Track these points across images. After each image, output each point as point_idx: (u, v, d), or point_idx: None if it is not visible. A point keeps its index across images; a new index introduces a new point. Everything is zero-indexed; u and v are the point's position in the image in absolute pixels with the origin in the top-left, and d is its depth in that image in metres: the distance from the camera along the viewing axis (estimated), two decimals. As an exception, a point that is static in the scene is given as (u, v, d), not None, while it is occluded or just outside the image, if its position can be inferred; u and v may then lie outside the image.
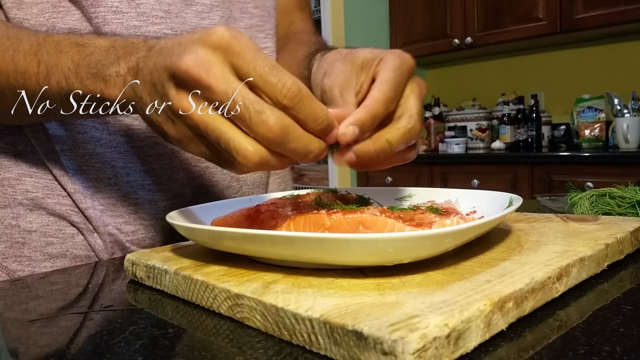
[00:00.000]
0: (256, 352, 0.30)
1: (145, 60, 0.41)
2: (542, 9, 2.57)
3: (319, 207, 0.48)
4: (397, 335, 0.25)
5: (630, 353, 0.28)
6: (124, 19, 0.60)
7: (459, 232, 0.35)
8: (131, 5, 0.61)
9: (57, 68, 0.46)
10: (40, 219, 0.62)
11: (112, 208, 0.63)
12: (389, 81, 0.44)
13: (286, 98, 0.37)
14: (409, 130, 0.44)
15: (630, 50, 2.63)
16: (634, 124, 2.34)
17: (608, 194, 0.66)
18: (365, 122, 0.42)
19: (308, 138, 0.38)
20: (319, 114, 0.38)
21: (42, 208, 0.62)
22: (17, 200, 0.62)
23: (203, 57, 0.37)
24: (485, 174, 2.55)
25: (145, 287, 0.46)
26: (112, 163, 0.62)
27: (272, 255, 0.39)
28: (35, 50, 0.48)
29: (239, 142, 0.37)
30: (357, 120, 0.42)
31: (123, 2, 0.61)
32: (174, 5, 0.63)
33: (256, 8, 0.73)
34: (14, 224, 0.62)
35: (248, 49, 0.37)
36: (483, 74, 3.20)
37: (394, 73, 0.45)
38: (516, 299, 0.31)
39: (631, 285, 0.40)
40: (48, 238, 0.62)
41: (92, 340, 0.34)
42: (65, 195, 0.62)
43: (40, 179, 0.62)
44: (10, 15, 0.60)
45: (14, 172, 0.62)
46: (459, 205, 0.55)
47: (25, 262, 0.62)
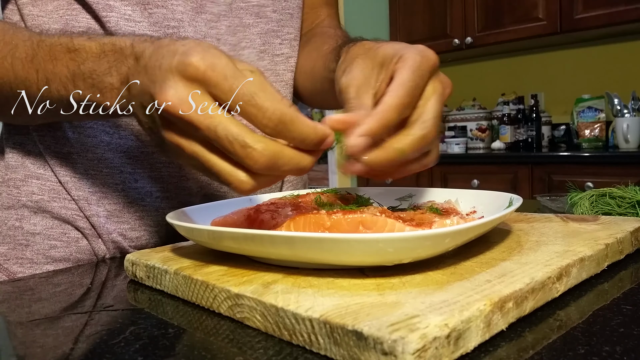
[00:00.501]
0: (256, 352, 0.30)
1: (134, 75, 0.41)
2: (542, 9, 2.57)
3: (319, 207, 0.48)
4: (397, 335, 0.25)
5: (630, 353, 0.28)
6: (136, 27, 0.60)
7: (459, 232, 0.35)
8: (144, 14, 0.60)
9: (54, 76, 0.46)
10: (44, 222, 0.62)
11: (117, 214, 0.63)
12: (404, 85, 0.42)
13: (268, 127, 0.36)
14: (422, 138, 0.42)
15: (630, 50, 2.63)
16: (634, 124, 2.34)
17: (608, 194, 0.66)
18: (375, 132, 0.40)
19: (298, 157, 0.38)
20: (306, 134, 0.37)
21: (47, 211, 0.62)
22: (22, 202, 0.61)
23: (182, 93, 0.36)
24: (485, 174, 2.55)
25: (145, 287, 0.46)
26: (120, 168, 0.62)
27: (272, 255, 0.39)
28: (31, 57, 0.48)
29: (229, 174, 0.37)
30: (367, 130, 0.40)
31: (136, 11, 0.60)
32: (185, 14, 0.62)
33: (275, 12, 0.70)
34: (18, 226, 0.61)
35: (224, 79, 0.36)
36: (483, 74, 3.20)
37: (412, 74, 0.42)
38: (516, 299, 0.31)
39: (631, 285, 0.40)
40: (52, 241, 0.62)
41: (92, 340, 0.34)
42: (70, 200, 0.62)
43: (47, 182, 0.62)
44: (25, 12, 0.60)
45: (21, 173, 0.62)
46: (459, 205, 0.55)
47: (27, 265, 0.61)
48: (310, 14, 0.81)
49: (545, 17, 2.56)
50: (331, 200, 0.54)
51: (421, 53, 0.43)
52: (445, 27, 2.96)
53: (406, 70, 0.42)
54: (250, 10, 0.68)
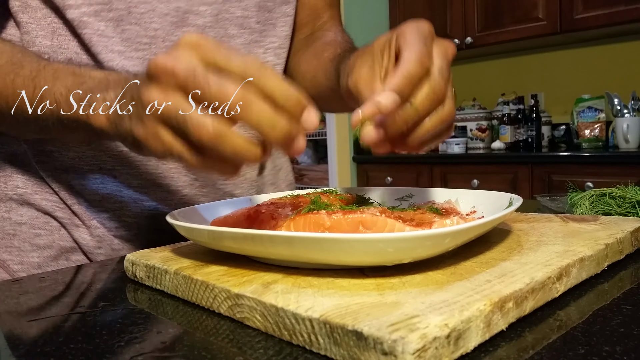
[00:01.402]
0: (256, 352, 0.30)
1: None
2: (542, 9, 2.57)
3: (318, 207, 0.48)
4: (397, 335, 0.25)
5: (630, 353, 0.28)
6: (108, 43, 0.62)
7: (459, 232, 0.35)
8: (116, 30, 0.62)
9: (50, 93, 0.48)
10: (29, 213, 0.66)
11: (96, 204, 0.66)
12: (414, 43, 0.42)
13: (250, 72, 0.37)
14: (433, 88, 0.42)
15: (630, 50, 2.63)
16: (634, 124, 2.33)
17: (608, 194, 0.66)
18: (402, 85, 0.40)
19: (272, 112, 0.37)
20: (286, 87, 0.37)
21: (30, 203, 0.65)
22: (9, 196, 0.66)
23: (172, 52, 0.38)
24: (485, 174, 2.55)
25: (145, 287, 0.46)
26: (100, 165, 0.65)
27: (272, 255, 0.39)
28: (34, 76, 0.50)
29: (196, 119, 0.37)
30: (393, 85, 0.40)
31: (109, 26, 0.62)
32: (161, 29, 0.64)
33: (258, 23, 0.72)
34: (6, 217, 0.65)
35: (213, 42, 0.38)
36: (483, 74, 3.20)
37: (417, 35, 0.43)
38: (516, 299, 0.31)
39: (631, 285, 0.40)
40: (36, 230, 0.66)
41: (92, 340, 0.34)
42: (52, 193, 0.65)
43: (31, 177, 0.66)
44: (17, 19, 0.62)
45: (7, 170, 0.66)
46: (459, 205, 0.55)
47: (15, 252, 0.65)
48: (313, 16, 0.81)
49: (545, 17, 2.56)
50: (331, 200, 0.54)
51: (415, 23, 0.45)
52: (445, 27, 2.96)
53: (410, 36, 0.43)
54: (234, 22, 0.69)
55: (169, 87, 0.38)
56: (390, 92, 0.40)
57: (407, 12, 3.13)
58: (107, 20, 0.61)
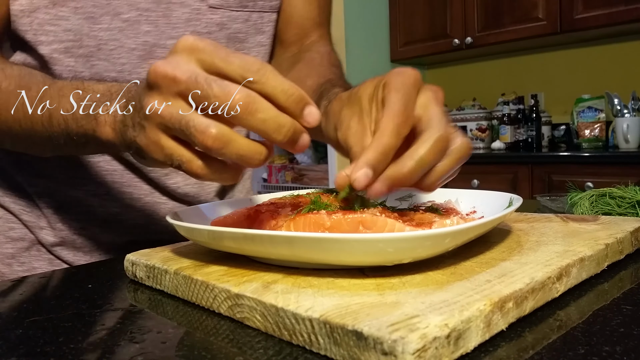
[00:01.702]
0: (256, 352, 0.30)
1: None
2: (542, 9, 2.57)
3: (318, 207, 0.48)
4: (397, 335, 0.25)
5: (630, 353, 0.28)
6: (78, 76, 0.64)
7: (459, 232, 0.35)
8: (86, 65, 0.64)
9: (57, 112, 0.50)
10: (2, 211, 0.72)
11: (65, 207, 0.70)
12: (394, 107, 0.41)
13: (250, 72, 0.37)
14: (437, 140, 0.41)
15: (630, 50, 2.63)
16: (634, 124, 2.34)
17: (608, 194, 0.66)
18: (376, 160, 0.40)
19: (277, 111, 0.37)
20: (287, 85, 0.37)
21: (1, 205, 0.72)
22: None
23: (169, 58, 0.39)
24: (485, 174, 2.55)
25: (145, 287, 0.46)
26: (70, 173, 0.69)
27: (272, 255, 0.39)
28: (41, 96, 0.52)
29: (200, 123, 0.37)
30: (366, 161, 0.39)
31: (79, 62, 0.64)
32: (128, 64, 0.66)
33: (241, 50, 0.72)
34: None
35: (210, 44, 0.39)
36: (483, 74, 3.20)
37: (398, 93, 0.42)
38: (516, 299, 0.31)
39: (631, 285, 0.40)
40: (10, 224, 0.72)
41: (92, 340, 0.34)
42: (22, 197, 0.71)
43: (5, 181, 0.72)
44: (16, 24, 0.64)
45: None
46: (459, 205, 0.55)
47: None
48: (300, 35, 0.81)
49: (545, 17, 2.56)
50: (331, 200, 0.54)
51: (400, 73, 0.43)
52: (445, 27, 2.96)
53: (392, 93, 0.42)
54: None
55: (170, 93, 0.38)
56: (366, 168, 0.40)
57: (407, 12, 3.13)
58: (77, 57, 0.64)
